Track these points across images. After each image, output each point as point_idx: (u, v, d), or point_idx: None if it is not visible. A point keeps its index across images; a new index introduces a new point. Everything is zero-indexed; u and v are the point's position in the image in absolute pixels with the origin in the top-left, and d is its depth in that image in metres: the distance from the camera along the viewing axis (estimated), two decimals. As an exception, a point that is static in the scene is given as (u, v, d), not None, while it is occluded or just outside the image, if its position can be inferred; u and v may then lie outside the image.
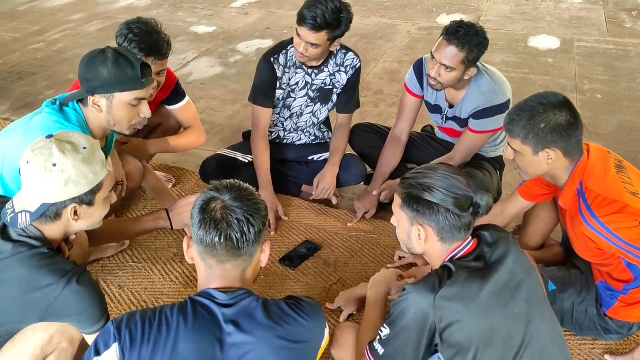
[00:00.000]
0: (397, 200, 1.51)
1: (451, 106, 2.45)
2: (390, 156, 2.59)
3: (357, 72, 2.57)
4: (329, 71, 2.53)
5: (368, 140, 2.72)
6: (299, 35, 2.32)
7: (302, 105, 2.61)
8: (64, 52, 4.55)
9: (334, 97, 2.60)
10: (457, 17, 2.39)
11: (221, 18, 5.37)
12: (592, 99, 3.75)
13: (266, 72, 2.50)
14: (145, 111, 1.90)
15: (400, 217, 1.51)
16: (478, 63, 2.32)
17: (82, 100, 1.88)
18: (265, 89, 2.52)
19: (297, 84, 2.54)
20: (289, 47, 2.49)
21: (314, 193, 2.60)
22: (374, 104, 3.72)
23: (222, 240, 1.23)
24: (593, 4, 5.61)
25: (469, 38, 2.16)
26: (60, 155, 1.41)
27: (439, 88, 2.31)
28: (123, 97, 1.83)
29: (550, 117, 1.65)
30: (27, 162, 1.43)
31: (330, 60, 2.51)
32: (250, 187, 1.33)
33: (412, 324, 1.39)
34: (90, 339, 1.49)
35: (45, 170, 1.40)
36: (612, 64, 4.26)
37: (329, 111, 2.68)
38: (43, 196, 1.42)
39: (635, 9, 5.44)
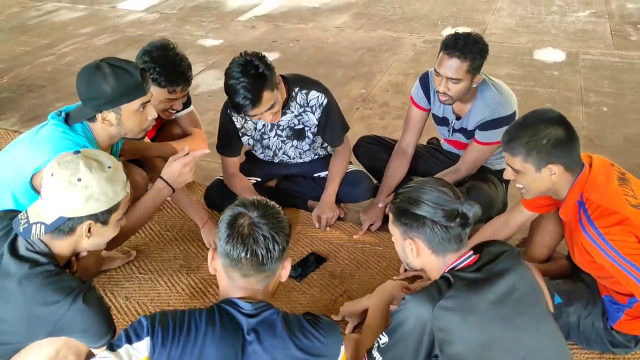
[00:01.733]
0: (390, 216, 1.55)
1: (458, 118, 2.47)
2: (396, 168, 2.59)
3: (326, 110, 2.46)
4: (293, 112, 2.46)
5: (373, 153, 2.73)
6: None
7: (278, 143, 2.58)
8: (74, 65, 4.60)
9: (309, 134, 2.55)
10: (462, 30, 2.40)
11: (228, 31, 5.43)
12: (597, 111, 3.75)
13: (225, 123, 2.50)
14: (152, 112, 1.94)
15: (394, 233, 1.55)
16: (484, 76, 2.33)
17: (89, 118, 1.91)
18: (226, 139, 2.53)
19: (264, 126, 2.51)
20: None
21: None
22: (379, 117, 3.73)
23: (247, 256, 1.27)
24: (598, 17, 5.63)
25: (469, 47, 2.18)
26: (86, 171, 1.45)
27: (450, 102, 2.32)
28: (130, 107, 1.87)
29: (552, 132, 1.66)
30: (52, 175, 1.46)
31: (291, 103, 2.42)
32: (276, 205, 1.37)
33: (411, 333, 1.40)
34: (97, 352, 1.50)
35: (69, 184, 1.44)
36: (617, 77, 4.26)
37: (312, 144, 2.61)
38: (62, 209, 1.45)
39: (641, 22, 5.46)
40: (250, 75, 2.13)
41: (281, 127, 2.52)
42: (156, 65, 2.21)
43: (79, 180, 1.44)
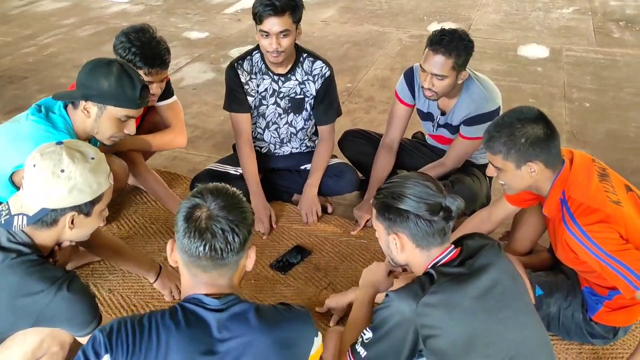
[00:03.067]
0: (374, 211, 1.54)
1: (443, 113, 2.48)
2: (384, 163, 2.60)
3: (327, 81, 2.54)
4: (297, 80, 2.51)
5: (359, 147, 2.73)
6: (265, 33, 2.31)
7: (273, 113, 2.60)
8: (56, 57, 4.55)
9: (307, 106, 2.59)
10: (448, 25, 2.41)
11: (214, 24, 5.39)
12: (580, 107, 3.80)
13: (231, 78, 2.53)
14: (131, 128, 1.95)
15: (378, 228, 1.55)
16: (469, 71, 2.35)
17: (72, 102, 1.90)
18: (235, 94, 2.55)
19: (265, 90, 2.54)
20: (254, 53, 2.51)
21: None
22: (365, 111, 3.74)
23: (206, 251, 1.21)
24: (582, 14, 5.69)
25: (454, 44, 2.19)
26: (69, 162, 1.44)
27: (435, 98, 2.33)
28: (114, 111, 1.87)
29: (529, 131, 1.68)
30: (34, 165, 1.44)
31: (298, 68, 2.50)
32: (237, 192, 1.31)
33: (395, 331, 1.41)
34: (83, 341, 1.50)
35: (52, 175, 1.42)
36: (600, 73, 4.32)
37: (307, 120, 2.64)
38: (45, 201, 1.44)
39: (623, 20, 5.52)
40: None
41: (282, 95, 2.54)
42: (132, 46, 2.20)
43: (62, 171, 1.43)
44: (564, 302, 1.91)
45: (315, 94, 2.55)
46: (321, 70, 2.53)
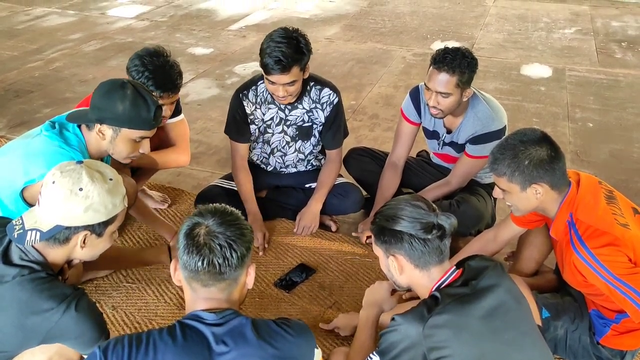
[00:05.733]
0: (373, 237, 1.56)
1: (449, 131, 2.49)
2: (390, 181, 2.60)
3: (335, 108, 2.53)
4: (304, 108, 2.50)
5: (364, 165, 2.74)
6: (272, 82, 2.30)
7: (280, 141, 2.60)
8: (62, 71, 4.58)
9: (316, 133, 2.59)
10: (451, 44, 2.43)
11: (218, 40, 5.43)
12: (583, 127, 3.81)
13: (235, 107, 2.53)
14: (145, 148, 1.97)
15: (378, 253, 1.57)
16: (475, 90, 2.36)
17: (87, 125, 1.91)
18: (236, 123, 2.55)
19: (272, 119, 2.54)
20: (259, 83, 2.48)
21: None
22: (369, 128, 3.75)
23: (204, 265, 1.26)
24: (584, 35, 5.73)
25: (457, 62, 2.21)
26: (88, 181, 1.46)
27: (441, 116, 2.34)
28: (129, 133, 1.89)
29: (533, 153, 1.69)
30: (53, 182, 1.46)
31: (305, 97, 2.49)
32: (236, 211, 1.36)
33: (402, 355, 1.40)
34: None
35: (70, 192, 1.44)
36: (603, 94, 4.33)
37: (315, 145, 2.65)
38: (60, 218, 1.45)
39: (625, 40, 5.56)
40: (292, 45, 2.25)
41: (289, 123, 2.54)
42: (145, 70, 2.22)
43: (80, 189, 1.45)
44: (571, 324, 1.89)
45: (324, 121, 2.55)
46: (329, 97, 2.51)
